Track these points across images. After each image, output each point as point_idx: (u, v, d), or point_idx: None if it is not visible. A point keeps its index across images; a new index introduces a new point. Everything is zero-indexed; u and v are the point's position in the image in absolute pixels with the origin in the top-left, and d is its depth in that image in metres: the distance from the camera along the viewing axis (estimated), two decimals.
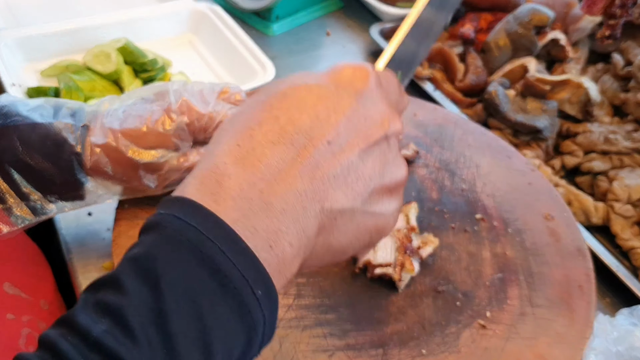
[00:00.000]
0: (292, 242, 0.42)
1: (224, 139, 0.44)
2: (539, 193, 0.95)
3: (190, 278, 0.37)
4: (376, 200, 0.47)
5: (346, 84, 0.47)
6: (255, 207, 0.40)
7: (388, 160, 0.48)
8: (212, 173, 0.42)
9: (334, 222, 0.44)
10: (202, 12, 1.28)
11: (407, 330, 0.75)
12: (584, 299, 0.82)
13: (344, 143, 0.44)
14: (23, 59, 1.14)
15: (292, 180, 0.42)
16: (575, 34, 1.30)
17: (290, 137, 0.43)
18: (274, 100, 0.45)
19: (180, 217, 0.39)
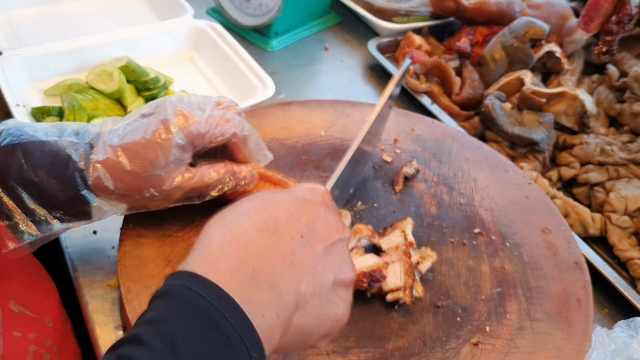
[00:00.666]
0: (279, 313, 0.50)
1: (218, 227, 0.53)
2: (536, 206, 0.97)
3: (199, 339, 0.44)
4: (335, 291, 0.56)
5: (310, 197, 0.60)
6: (249, 281, 0.49)
7: (343, 259, 0.58)
8: (211, 253, 0.50)
9: (306, 304, 0.53)
10: (202, 30, 1.30)
11: (408, 346, 0.76)
12: (581, 312, 0.83)
13: (312, 239, 0.54)
14: (27, 78, 1.15)
15: (276, 262, 0.51)
16: (570, 46, 1.31)
17: (273, 228, 0.53)
18: (256, 202, 0.56)
19: (189, 287, 0.46)
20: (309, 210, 0.56)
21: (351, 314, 0.78)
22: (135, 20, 1.39)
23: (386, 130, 1.07)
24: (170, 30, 1.29)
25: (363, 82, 1.37)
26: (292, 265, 0.52)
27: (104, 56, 1.20)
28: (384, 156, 1.02)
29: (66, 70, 1.18)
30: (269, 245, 0.51)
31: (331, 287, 0.55)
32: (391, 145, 1.05)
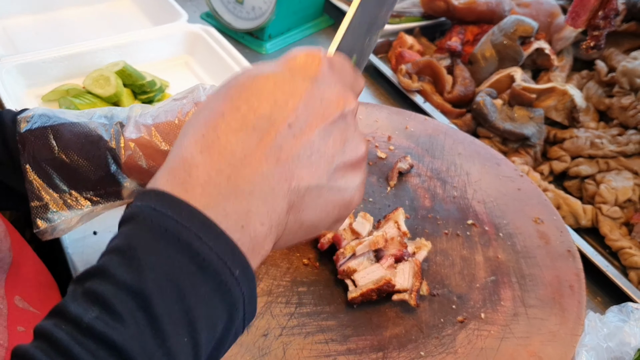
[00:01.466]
0: (263, 221, 0.44)
1: (190, 132, 0.46)
2: (528, 198, 0.99)
3: (170, 264, 0.40)
4: (340, 175, 0.49)
5: (300, 69, 0.49)
6: (224, 192, 0.43)
7: (347, 138, 0.49)
8: (180, 164, 0.44)
9: (302, 199, 0.47)
10: (196, 34, 1.32)
11: (405, 333, 0.78)
12: (574, 298, 0.85)
13: (303, 125, 0.46)
14: (24, 84, 1.17)
15: (257, 164, 0.44)
16: (559, 43, 1.34)
17: (252, 123, 0.45)
18: (234, 91, 0.47)
19: (156, 208, 0.42)
20: (298, 90, 0.47)
21: (348, 303, 0.80)
22: (130, 26, 1.41)
23: (380, 128, 1.09)
24: (165, 35, 1.31)
25: None
26: (279, 161, 0.45)
27: (100, 61, 1.22)
28: (378, 152, 1.04)
29: (63, 76, 1.20)
30: (249, 145, 0.45)
31: (334, 172, 0.48)
32: (385, 142, 1.07)
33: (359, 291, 0.79)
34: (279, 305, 0.79)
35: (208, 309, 0.41)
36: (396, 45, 1.40)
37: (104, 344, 0.37)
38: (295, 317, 0.78)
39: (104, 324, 0.38)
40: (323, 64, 0.50)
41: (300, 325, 0.77)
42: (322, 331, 0.77)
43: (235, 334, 0.45)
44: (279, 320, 0.78)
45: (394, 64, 1.36)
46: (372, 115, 1.12)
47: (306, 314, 0.79)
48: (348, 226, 0.86)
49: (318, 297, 0.81)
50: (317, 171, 0.47)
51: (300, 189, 0.46)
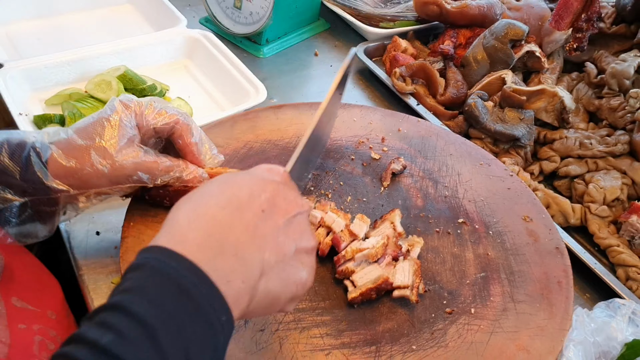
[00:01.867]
0: (244, 279, 0.55)
1: (183, 208, 0.58)
2: (518, 197, 1.02)
3: (173, 304, 0.49)
4: (298, 258, 0.62)
5: (270, 174, 0.65)
6: (215, 253, 0.54)
7: (303, 230, 0.63)
8: (177, 230, 0.55)
9: (271, 270, 0.58)
10: (195, 39, 1.34)
11: (397, 327, 0.81)
12: (562, 293, 0.88)
13: (273, 213, 0.60)
14: (28, 89, 1.20)
15: (239, 234, 0.56)
16: (549, 46, 1.37)
17: (235, 204, 0.58)
18: (218, 183, 0.61)
19: (160, 259, 0.52)
20: (269, 188, 0.61)
21: (343, 299, 0.83)
22: (131, 31, 1.44)
23: (374, 130, 1.12)
24: (165, 40, 1.33)
25: (352, 85, 1.42)
26: (255, 236, 0.57)
27: (101, 66, 1.25)
28: (372, 154, 1.07)
29: (65, 81, 1.23)
30: (233, 219, 0.56)
31: (294, 254, 0.61)
32: (379, 143, 1.10)
33: (359, 291, 0.82)
34: None
35: (200, 344, 0.50)
36: (390, 48, 1.43)
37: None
38: (291, 313, 0.81)
39: (118, 346, 0.45)
40: (285, 174, 0.66)
41: (296, 321, 0.80)
42: (317, 326, 0.80)
43: None
44: (275, 316, 0.80)
45: (388, 67, 1.39)
46: (366, 117, 1.15)
47: (302, 310, 0.81)
48: (346, 228, 0.88)
49: (313, 293, 0.84)
50: (282, 250, 0.59)
51: (270, 261, 0.58)
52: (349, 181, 1.02)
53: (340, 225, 0.88)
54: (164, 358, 0.47)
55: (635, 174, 1.15)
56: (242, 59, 1.31)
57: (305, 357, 0.76)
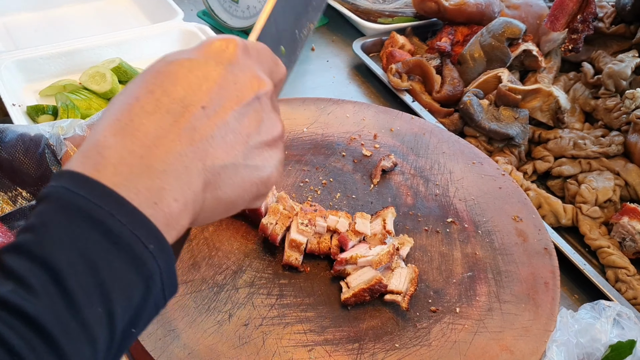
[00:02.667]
0: (177, 197, 0.46)
1: (105, 116, 0.49)
2: (509, 197, 1.01)
3: (83, 241, 0.42)
4: (257, 154, 0.52)
5: (215, 54, 0.51)
6: (137, 171, 0.45)
7: (263, 118, 0.52)
8: (93, 147, 0.46)
9: (218, 177, 0.49)
10: (191, 32, 1.34)
11: (381, 325, 0.81)
12: (549, 294, 0.88)
13: (217, 107, 0.49)
14: (22, 80, 1.20)
15: (170, 144, 0.47)
16: (547, 45, 1.36)
17: (166, 106, 0.48)
18: (149, 77, 0.49)
19: (69, 187, 0.44)
20: (212, 74, 0.50)
21: (327, 295, 0.83)
22: (127, 24, 1.44)
23: (367, 126, 1.12)
24: (161, 33, 1.33)
25: (348, 81, 1.42)
26: (193, 141, 0.47)
27: (96, 58, 1.25)
28: (364, 150, 1.07)
29: (60, 72, 1.23)
30: (162, 127, 0.47)
31: (250, 151, 0.51)
32: (371, 140, 1.10)
33: (352, 292, 0.82)
34: (260, 297, 0.82)
35: (122, 282, 0.43)
36: (388, 44, 1.42)
37: (18, 315, 0.39)
38: (275, 308, 0.81)
39: (18, 296, 0.39)
40: (238, 49, 0.52)
41: (280, 316, 0.80)
42: (301, 322, 0.80)
43: (156, 306, 0.47)
44: (259, 310, 0.81)
45: (385, 63, 1.39)
46: (359, 114, 1.14)
47: (286, 305, 0.82)
48: (351, 228, 0.88)
49: (298, 289, 0.84)
50: (233, 150, 0.50)
51: (215, 167, 0.49)
52: (339, 177, 1.02)
53: (345, 225, 0.88)
54: (74, 304, 0.40)
55: (628, 176, 1.14)
56: None
57: (288, 352, 0.76)
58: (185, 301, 0.81)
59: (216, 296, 0.82)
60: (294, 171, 1.02)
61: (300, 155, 1.05)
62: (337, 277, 0.86)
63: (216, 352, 0.75)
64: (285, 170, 1.01)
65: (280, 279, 0.85)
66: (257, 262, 0.87)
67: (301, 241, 0.84)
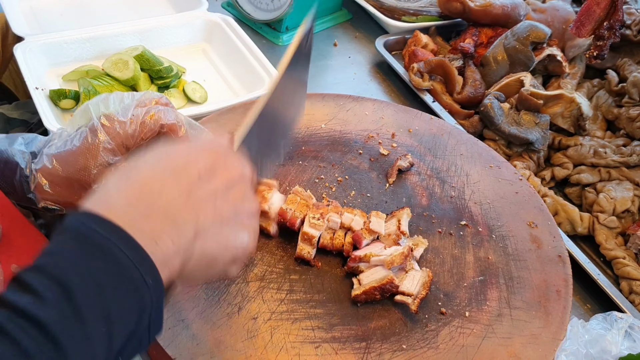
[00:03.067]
0: (174, 240, 0.54)
1: (116, 174, 0.58)
2: (525, 202, 1.01)
3: (94, 267, 0.49)
4: (238, 221, 0.61)
5: (208, 144, 0.64)
6: (142, 215, 0.54)
7: (245, 194, 0.63)
8: (106, 195, 0.55)
9: (206, 232, 0.58)
10: (215, 23, 1.35)
11: (389, 326, 0.81)
12: (560, 303, 0.87)
13: (211, 179, 0.59)
14: (46, 64, 1.21)
15: (172, 198, 0.56)
16: (572, 50, 1.35)
17: (170, 168, 0.58)
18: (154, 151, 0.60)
19: (84, 222, 0.51)
20: (208, 156, 0.60)
21: (337, 293, 0.83)
22: (152, 11, 1.44)
23: (385, 125, 1.12)
24: (185, 22, 1.34)
25: (369, 78, 1.41)
26: (190, 199, 0.56)
27: (120, 45, 1.26)
28: (381, 149, 1.07)
29: (84, 57, 1.24)
30: (166, 184, 0.56)
31: (234, 217, 0.60)
32: (389, 139, 1.09)
33: (362, 289, 0.82)
34: (270, 291, 0.83)
35: (123, 307, 0.50)
36: (411, 43, 1.42)
37: (33, 322, 0.45)
38: (285, 303, 0.81)
39: (34, 307, 0.46)
40: (226, 142, 0.64)
41: (289, 311, 0.80)
42: (309, 318, 0.80)
43: (140, 342, 0.53)
44: (269, 305, 0.81)
45: (407, 62, 1.38)
46: (378, 112, 1.14)
47: (296, 301, 0.82)
48: (366, 226, 0.88)
49: (309, 285, 0.84)
50: (220, 213, 0.59)
51: (206, 223, 0.57)
52: (355, 175, 1.01)
53: (360, 224, 0.88)
54: (81, 318, 0.47)
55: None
56: (260, 45, 1.31)
57: (295, 348, 0.77)
58: (196, 292, 0.81)
59: (227, 289, 0.82)
60: (310, 167, 1.02)
61: (317, 151, 1.05)
62: (350, 273, 0.86)
63: (224, 344, 0.76)
64: (301, 166, 1.02)
65: (291, 274, 0.85)
66: (269, 256, 0.87)
67: (313, 234, 0.85)
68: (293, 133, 0.91)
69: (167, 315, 0.78)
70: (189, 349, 0.75)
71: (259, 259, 0.87)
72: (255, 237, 0.65)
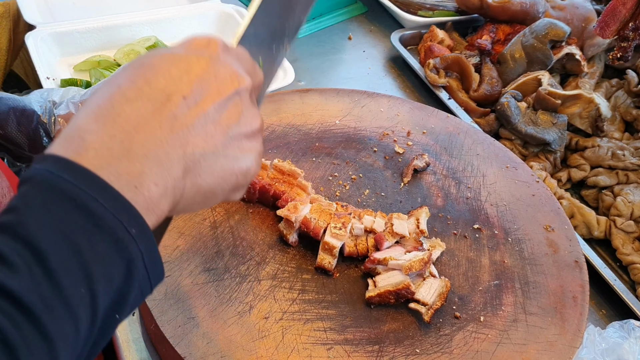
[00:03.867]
0: (157, 182, 0.47)
1: (87, 103, 0.49)
2: (542, 205, 0.99)
3: (67, 223, 0.43)
4: (236, 145, 0.53)
5: (197, 50, 0.53)
6: (117, 155, 0.46)
7: (242, 111, 0.54)
8: (75, 131, 0.47)
9: (198, 165, 0.50)
10: (228, 14, 1.33)
11: (403, 329, 0.79)
12: (576, 309, 0.85)
13: (198, 98, 0.50)
14: (58, 53, 1.20)
15: (151, 130, 0.48)
16: (591, 49, 1.32)
17: (147, 95, 0.49)
18: (131, 69, 0.51)
19: (53, 171, 0.44)
20: (194, 67, 0.51)
21: (350, 294, 0.82)
22: (165, 2, 1.43)
23: (400, 122, 1.10)
24: (198, 13, 1.32)
25: (383, 73, 1.39)
26: (174, 129, 0.49)
27: (132, 35, 1.24)
28: (396, 147, 1.05)
29: (95, 47, 1.23)
30: (143, 114, 0.48)
31: (230, 141, 0.53)
32: (404, 137, 1.07)
33: (377, 291, 0.80)
34: (282, 290, 0.81)
35: (104, 264, 0.44)
36: (427, 38, 1.39)
37: (3, 294, 0.40)
38: (297, 303, 0.80)
39: (2, 274, 0.40)
40: (219, 47, 0.54)
41: (301, 312, 0.79)
42: (321, 319, 0.79)
43: (142, 292, 0.47)
44: (281, 304, 0.80)
45: (423, 58, 1.36)
46: (393, 109, 1.12)
47: (308, 301, 0.80)
48: (389, 229, 0.86)
49: (321, 285, 0.83)
50: (213, 140, 0.51)
51: (195, 155, 0.50)
52: (369, 174, 1.00)
53: (381, 225, 0.86)
54: (56, 283, 0.41)
55: None
56: None
57: (307, 349, 0.76)
58: (207, 289, 0.80)
59: (238, 286, 0.81)
60: (323, 164, 1.00)
61: (330, 148, 1.03)
62: (365, 274, 0.84)
63: (235, 343, 0.75)
64: (314, 163, 1.00)
65: (303, 273, 0.84)
66: (281, 254, 0.86)
67: (334, 244, 0.83)
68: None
69: (176, 312, 0.77)
70: (199, 348, 0.74)
71: (271, 257, 0.85)
72: (259, 159, 0.57)
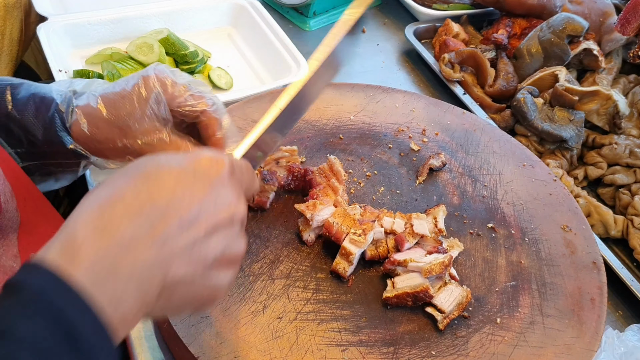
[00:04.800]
0: (135, 300, 0.49)
1: (89, 208, 0.50)
2: (559, 204, 0.97)
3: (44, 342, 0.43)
4: (214, 274, 0.55)
5: (203, 171, 0.55)
6: (107, 273, 0.48)
7: (229, 241, 0.56)
8: (73, 240, 0.48)
9: (173, 289, 0.52)
10: (242, 6, 1.31)
11: (418, 330, 0.78)
12: (594, 312, 0.84)
13: (193, 222, 0.52)
14: (70, 45, 1.19)
15: (141, 251, 0.49)
16: (609, 45, 1.30)
17: (147, 212, 0.50)
18: (139, 178, 0.52)
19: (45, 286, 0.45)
20: (197, 191, 0.53)
21: (365, 294, 0.81)
22: None
23: (415, 119, 1.09)
24: (211, 6, 1.31)
25: (397, 67, 1.38)
26: (161, 251, 0.50)
27: (145, 27, 1.23)
28: (412, 144, 1.03)
29: (107, 39, 1.22)
30: (139, 233, 0.49)
31: (208, 272, 0.54)
32: (419, 134, 1.06)
33: (395, 292, 0.79)
34: (296, 289, 0.80)
35: None
36: (442, 31, 1.37)
37: None
38: (311, 303, 0.79)
39: None
40: (224, 171, 0.56)
41: (316, 312, 0.78)
42: (336, 320, 0.78)
43: None
44: (295, 304, 0.79)
45: (437, 52, 1.34)
46: (409, 105, 1.11)
47: (322, 301, 0.80)
48: (408, 230, 0.85)
49: (335, 285, 0.82)
50: (194, 267, 0.53)
51: (174, 280, 0.52)
52: (384, 171, 0.98)
53: (401, 226, 0.85)
54: None
55: None
56: (287, 30, 1.27)
57: (321, 350, 0.75)
58: None
59: (252, 285, 0.80)
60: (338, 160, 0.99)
61: (345, 144, 1.02)
62: (382, 275, 0.83)
63: (248, 343, 0.74)
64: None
65: (318, 272, 0.83)
66: (295, 253, 0.85)
67: (352, 251, 0.81)
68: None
69: None
70: (212, 348, 0.73)
71: (285, 255, 0.84)
72: (225, 287, 0.58)
